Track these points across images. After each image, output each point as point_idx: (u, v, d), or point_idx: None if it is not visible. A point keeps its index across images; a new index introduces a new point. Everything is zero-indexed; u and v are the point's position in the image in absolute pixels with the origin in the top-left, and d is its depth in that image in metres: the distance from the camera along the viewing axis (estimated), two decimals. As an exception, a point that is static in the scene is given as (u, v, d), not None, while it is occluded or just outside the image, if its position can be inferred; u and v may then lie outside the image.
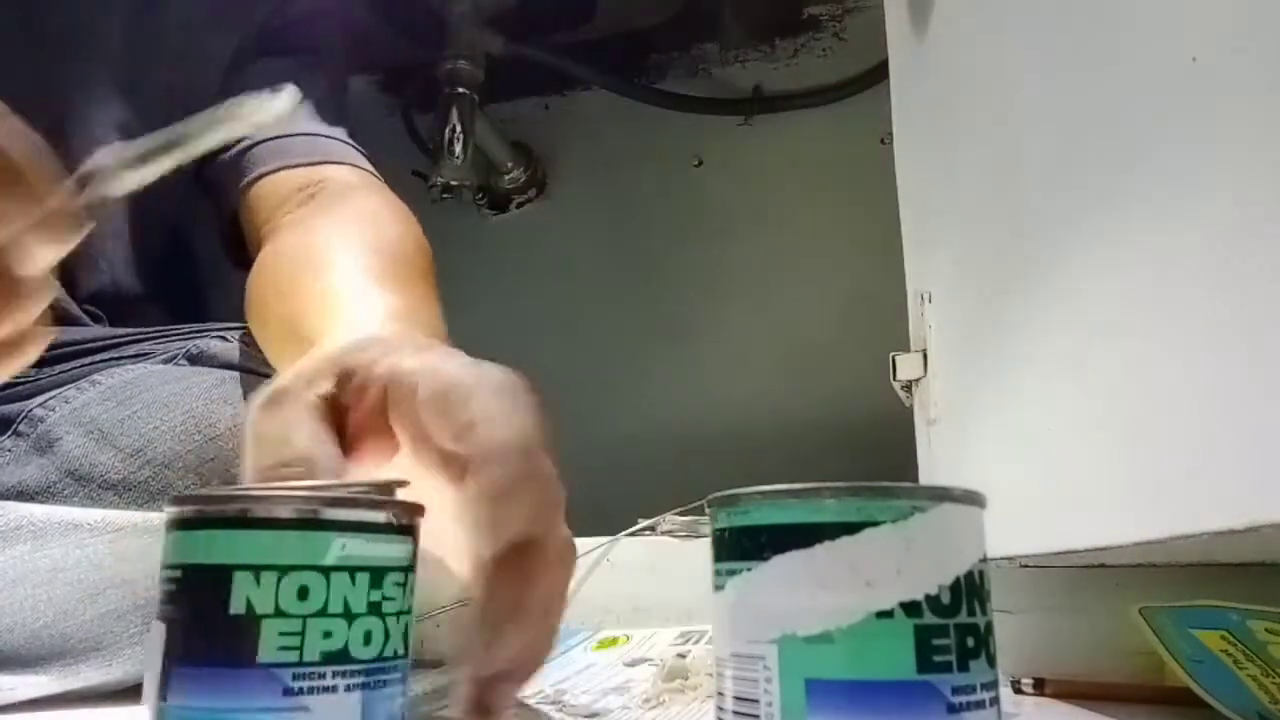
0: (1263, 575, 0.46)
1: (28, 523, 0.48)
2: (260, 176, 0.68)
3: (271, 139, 0.69)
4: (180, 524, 0.28)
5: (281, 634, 0.27)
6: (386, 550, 0.29)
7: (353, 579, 0.28)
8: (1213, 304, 0.30)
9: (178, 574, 0.28)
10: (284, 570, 0.27)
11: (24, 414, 0.55)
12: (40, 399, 0.56)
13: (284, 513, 0.28)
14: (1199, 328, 0.30)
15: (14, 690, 0.48)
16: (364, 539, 0.28)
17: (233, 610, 0.27)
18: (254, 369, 0.59)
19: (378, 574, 0.28)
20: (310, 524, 0.28)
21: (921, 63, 0.58)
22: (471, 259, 1.23)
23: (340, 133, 0.72)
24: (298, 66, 0.72)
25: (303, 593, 0.27)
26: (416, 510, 0.30)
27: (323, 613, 0.27)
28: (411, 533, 0.30)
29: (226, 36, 0.72)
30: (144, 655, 0.30)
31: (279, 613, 0.27)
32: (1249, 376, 0.28)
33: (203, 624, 0.27)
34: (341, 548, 0.28)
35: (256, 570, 0.27)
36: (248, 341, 0.62)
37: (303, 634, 0.27)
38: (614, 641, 0.58)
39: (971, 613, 0.26)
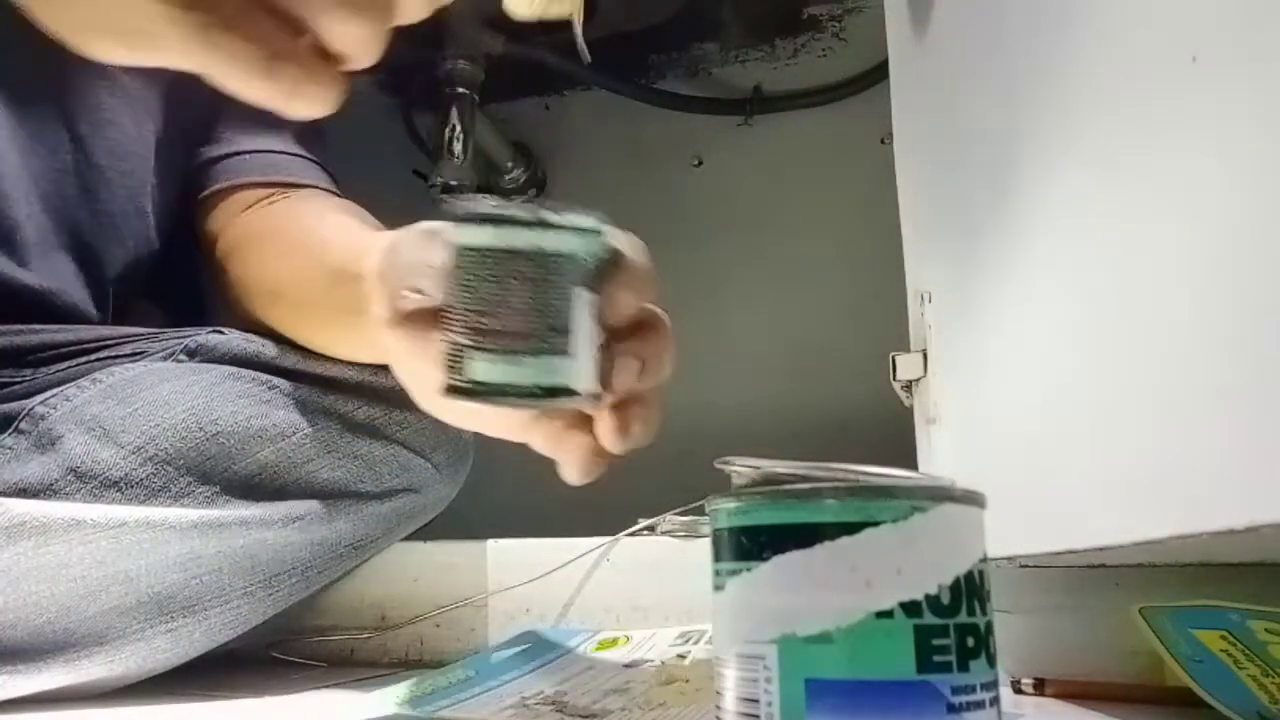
0: (1263, 575, 0.46)
1: (30, 520, 0.49)
2: (219, 191, 0.69)
3: (236, 155, 0.70)
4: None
5: None
6: None
7: None
8: (1212, 303, 0.30)
9: None
10: None
11: (25, 412, 0.55)
12: (40, 397, 0.56)
13: None
14: (1199, 327, 0.30)
15: (17, 685, 0.48)
16: None
17: None
18: (253, 360, 0.59)
19: None
20: None
21: (921, 63, 0.58)
22: (471, 258, 1.22)
23: (303, 152, 0.72)
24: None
25: None
26: None
27: None
28: None
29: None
30: None
31: None
32: (1248, 376, 0.28)
33: None
34: None
35: None
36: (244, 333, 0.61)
37: None
38: (614, 642, 0.58)
39: (971, 613, 0.26)
